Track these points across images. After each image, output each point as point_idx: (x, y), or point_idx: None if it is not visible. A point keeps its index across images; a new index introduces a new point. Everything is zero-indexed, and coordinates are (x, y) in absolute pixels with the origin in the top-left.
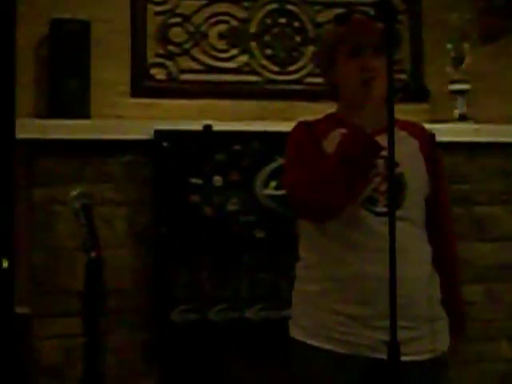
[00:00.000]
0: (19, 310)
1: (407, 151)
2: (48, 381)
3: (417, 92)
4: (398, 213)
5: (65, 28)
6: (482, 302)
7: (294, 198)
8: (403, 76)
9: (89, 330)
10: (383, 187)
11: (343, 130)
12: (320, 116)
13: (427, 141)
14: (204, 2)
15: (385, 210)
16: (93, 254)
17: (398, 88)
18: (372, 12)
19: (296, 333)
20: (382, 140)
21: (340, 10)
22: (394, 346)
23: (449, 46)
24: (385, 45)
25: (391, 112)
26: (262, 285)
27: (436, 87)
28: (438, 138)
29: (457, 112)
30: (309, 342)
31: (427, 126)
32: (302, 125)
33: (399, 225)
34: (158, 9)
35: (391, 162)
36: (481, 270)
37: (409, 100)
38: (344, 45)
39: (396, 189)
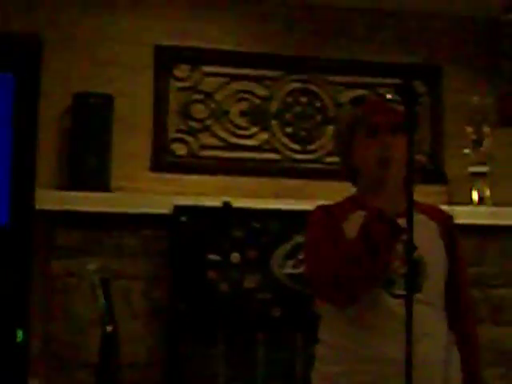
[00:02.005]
0: (32, 382)
1: (426, 234)
2: None
3: (435, 174)
4: (417, 296)
5: (88, 101)
6: None
7: (316, 282)
8: (422, 158)
9: None
10: (402, 270)
11: (363, 213)
12: (338, 198)
13: (446, 224)
14: (226, 80)
15: (403, 292)
16: (109, 328)
17: (417, 169)
18: (389, 94)
19: None
20: (402, 223)
21: (361, 91)
22: None
23: (469, 128)
24: (403, 125)
25: (410, 194)
26: (278, 364)
27: (455, 169)
28: (456, 220)
29: (475, 194)
30: None
31: (445, 208)
32: (321, 209)
33: (418, 307)
34: (181, 85)
35: (410, 245)
36: (498, 353)
37: (427, 182)
38: (361, 126)
39: (415, 272)
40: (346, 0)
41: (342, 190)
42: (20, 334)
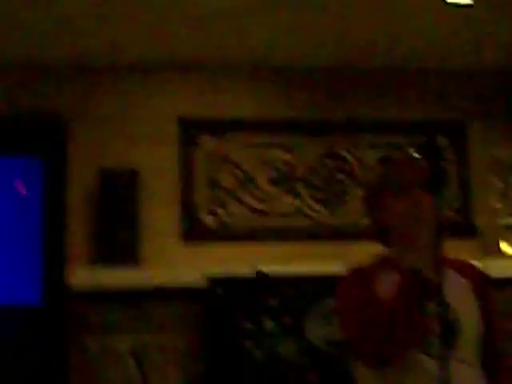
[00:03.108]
0: None
1: (459, 292)
2: None
3: (465, 228)
4: (453, 355)
5: (114, 177)
6: None
7: (353, 343)
8: (451, 213)
9: None
10: (437, 329)
11: (396, 273)
12: (369, 259)
13: (478, 279)
14: (252, 148)
15: (439, 352)
16: None
17: (447, 225)
18: (415, 152)
19: None
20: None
21: (386, 150)
22: None
23: (495, 180)
24: (431, 182)
25: (438, 249)
26: None
27: (484, 222)
28: (491, 272)
29: (507, 246)
30: None
31: (477, 262)
32: (352, 272)
33: (454, 366)
34: (206, 155)
35: (443, 304)
36: None
37: (457, 236)
38: (390, 184)
39: (450, 331)
40: (364, 59)
41: (372, 252)
42: None
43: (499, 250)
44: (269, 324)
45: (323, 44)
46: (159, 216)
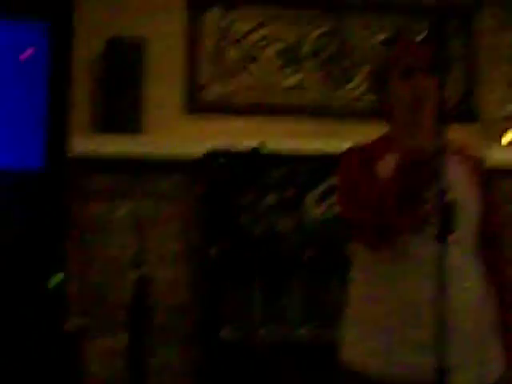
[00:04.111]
0: (71, 322)
1: (458, 176)
2: None
3: (469, 113)
4: (450, 238)
5: (121, 46)
6: None
7: (352, 221)
8: (455, 98)
9: (133, 345)
10: (435, 213)
11: (397, 155)
12: (372, 138)
13: (478, 167)
14: (260, 22)
15: (436, 234)
16: (140, 273)
17: (450, 110)
18: (421, 35)
19: (347, 356)
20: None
21: (394, 31)
22: (441, 373)
23: (504, 67)
24: (436, 66)
25: (441, 132)
26: (313, 305)
27: (490, 109)
28: (491, 162)
29: (509, 137)
30: (364, 366)
31: (478, 148)
32: (354, 150)
33: (451, 249)
34: (214, 27)
35: (442, 187)
36: None
37: (460, 121)
38: (394, 67)
39: (448, 214)
40: None
41: (375, 132)
42: (58, 277)
43: (501, 140)
44: (270, 198)
45: None
46: (164, 87)
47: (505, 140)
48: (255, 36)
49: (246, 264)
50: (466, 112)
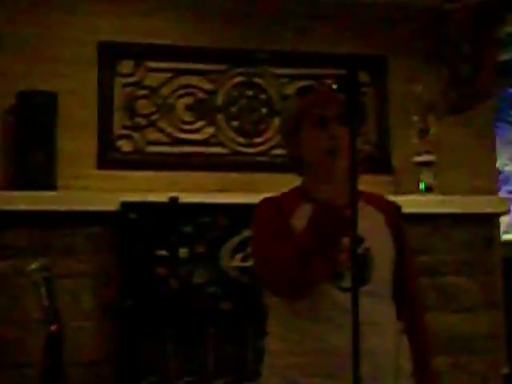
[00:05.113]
0: None
1: (373, 225)
2: None
3: (381, 163)
4: (365, 288)
5: (31, 100)
6: (449, 373)
7: (265, 276)
8: (368, 148)
9: None
10: (349, 263)
11: (311, 206)
12: (285, 190)
13: (393, 214)
14: (171, 75)
15: (350, 285)
16: (52, 328)
17: (363, 159)
18: (335, 85)
19: None
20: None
21: (306, 82)
22: None
23: (414, 117)
24: (349, 116)
25: (354, 183)
26: (229, 357)
27: (401, 158)
28: (404, 210)
29: (422, 183)
30: None
31: (392, 198)
32: (268, 201)
33: (366, 300)
34: (125, 81)
35: (355, 237)
36: (447, 341)
37: (373, 171)
38: (308, 116)
39: (362, 264)
40: None
41: (288, 183)
42: None
43: (416, 186)
44: (184, 252)
45: None
46: (76, 141)
47: (419, 187)
48: (167, 89)
49: (162, 316)
50: (380, 161)
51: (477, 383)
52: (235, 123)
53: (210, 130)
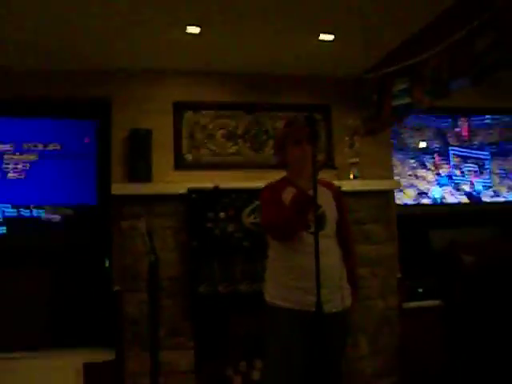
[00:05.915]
0: (115, 287)
1: (326, 198)
2: (130, 326)
3: (329, 164)
4: (322, 232)
5: (138, 133)
6: (367, 278)
7: (267, 228)
8: (322, 156)
9: (150, 299)
10: (313, 219)
11: (293, 189)
12: (277, 178)
13: (337, 191)
14: (213, 117)
15: (314, 230)
16: (152, 258)
17: (320, 163)
18: (302, 120)
19: (268, 297)
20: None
21: (289, 115)
22: (319, 304)
23: (346, 138)
24: (311, 138)
25: (314, 177)
26: (248, 270)
27: (341, 161)
28: (343, 189)
29: (352, 174)
30: (277, 302)
31: (336, 182)
32: (268, 185)
33: (323, 239)
34: (188, 121)
35: (316, 206)
36: (367, 260)
37: (326, 169)
38: (290, 139)
39: (320, 220)
40: (272, 70)
41: (278, 175)
42: (107, 262)
43: (349, 176)
44: (222, 214)
45: (256, 56)
46: (162, 155)
47: (350, 176)
48: (211, 125)
49: (211, 250)
50: (329, 163)
51: (382, 282)
52: (248, 144)
53: (235, 148)
